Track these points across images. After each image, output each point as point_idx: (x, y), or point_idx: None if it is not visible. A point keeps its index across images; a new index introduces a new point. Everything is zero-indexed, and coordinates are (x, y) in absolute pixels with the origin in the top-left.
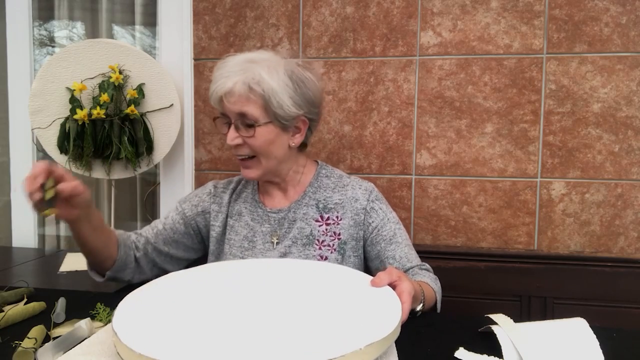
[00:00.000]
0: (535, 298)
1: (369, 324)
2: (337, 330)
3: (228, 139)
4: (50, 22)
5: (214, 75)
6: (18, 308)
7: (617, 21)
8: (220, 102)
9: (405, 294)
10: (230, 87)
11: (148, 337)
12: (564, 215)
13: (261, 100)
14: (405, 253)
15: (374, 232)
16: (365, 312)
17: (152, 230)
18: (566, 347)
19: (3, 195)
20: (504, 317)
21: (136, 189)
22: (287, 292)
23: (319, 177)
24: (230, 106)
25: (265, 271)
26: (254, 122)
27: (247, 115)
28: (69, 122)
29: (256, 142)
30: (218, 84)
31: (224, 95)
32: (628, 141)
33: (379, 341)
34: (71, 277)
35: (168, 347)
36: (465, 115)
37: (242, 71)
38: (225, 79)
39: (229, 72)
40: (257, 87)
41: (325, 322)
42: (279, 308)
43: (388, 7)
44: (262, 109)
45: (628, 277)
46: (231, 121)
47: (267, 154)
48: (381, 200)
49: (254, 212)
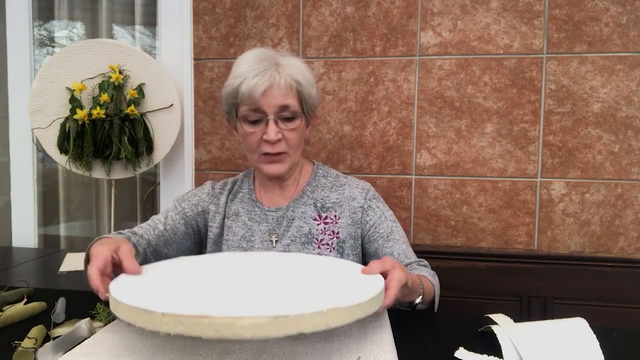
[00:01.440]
0: (535, 298)
1: (342, 295)
2: (309, 297)
3: (271, 134)
4: (50, 22)
5: (238, 72)
6: (18, 308)
7: (617, 21)
8: (261, 96)
9: (394, 281)
10: (276, 79)
11: (144, 298)
12: (564, 215)
13: (299, 91)
14: (403, 250)
15: (371, 229)
16: (344, 288)
17: (154, 232)
18: (566, 347)
19: (3, 195)
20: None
21: (136, 189)
22: (279, 272)
23: (317, 177)
24: (274, 99)
25: (260, 260)
26: (295, 114)
27: (290, 107)
28: (69, 122)
29: (294, 135)
30: (258, 78)
31: (271, 87)
32: (628, 141)
33: (342, 307)
34: (71, 277)
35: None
36: (465, 115)
37: (276, 64)
38: (264, 72)
39: (263, 66)
40: (299, 77)
41: (304, 292)
42: (263, 280)
43: (388, 7)
44: (299, 101)
45: (628, 277)
46: (267, 116)
47: (297, 147)
48: (378, 199)
49: (251, 211)
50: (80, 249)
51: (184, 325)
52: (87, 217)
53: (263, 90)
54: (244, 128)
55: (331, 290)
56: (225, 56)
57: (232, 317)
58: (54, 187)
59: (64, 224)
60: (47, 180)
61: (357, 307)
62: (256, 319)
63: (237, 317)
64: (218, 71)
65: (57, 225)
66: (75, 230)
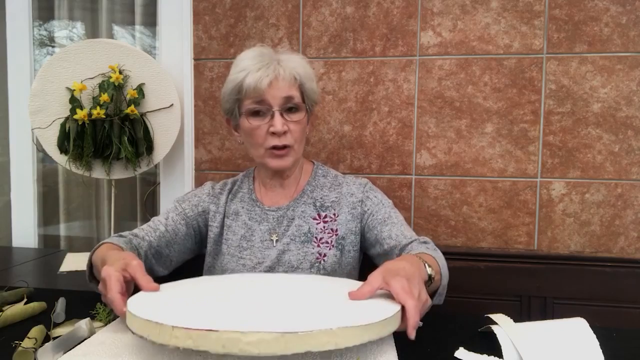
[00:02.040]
0: (535, 298)
1: (356, 315)
2: (319, 316)
3: (277, 125)
4: (50, 22)
5: (241, 67)
6: (18, 308)
7: (617, 21)
8: (267, 87)
9: (401, 294)
10: (280, 72)
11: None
12: (564, 215)
13: (301, 84)
14: (401, 231)
15: (369, 217)
16: (358, 308)
17: (155, 233)
18: (566, 347)
19: (3, 195)
20: (504, 317)
21: (136, 189)
22: (293, 292)
23: (316, 177)
24: (280, 91)
25: (275, 280)
26: (298, 105)
27: (294, 99)
28: (69, 122)
29: (298, 128)
30: (262, 71)
31: (276, 78)
32: (628, 141)
33: (352, 327)
34: (71, 277)
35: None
36: (465, 115)
37: (277, 60)
38: (267, 65)
39: (265, 60)
40: (301, 70)
41: (315, 311)
42: (276, 298)
43: (388, 7)
44: (301, 94)
45: (628, 277)
46: (272, 108)
47: (301, 140)
48: (376, 190)
49: (251, 210)
50: (80, 249)
51: (192, 339)
52: (87, 217)
53: (269, 82)
54: (250, 122)
55: (344, 310)
56: (225, 56)
57: (240, 332)
58: (54, 187)
59: (64, 224)
60: (47, 180)
61: (368, 327)
62: (264, 334)
63: (244, 332)
64: (218, 71)
65: (57, 225)
66: (75, 230)
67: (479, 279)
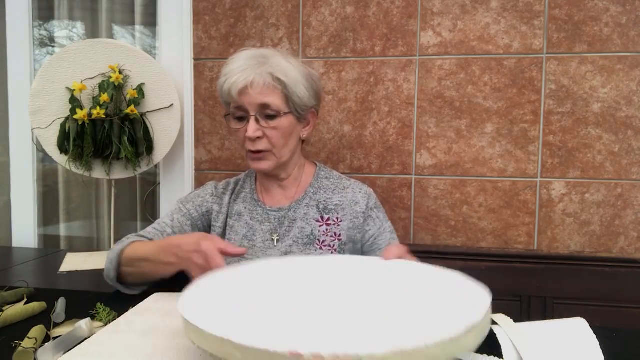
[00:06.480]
0: (535, 298)
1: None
2: (420, 323)
3: (249, 132)
4: (50, 22)
5: (226, 71)
6: (18, 308)
7: (617, 21)
8: (239, 94)
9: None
10: (253, 78)
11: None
12: (564, 215)
13: (284, 90)
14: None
15: (371, 240)
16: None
17: (162, 235)
18: (566, 347)
19: (3, 195)
20: (504, 317)
21: (136, 189)
22: (352, 287)
23: (319, 179)
24: (253, 98)
25: (316, 269)
26: (277, 112)
27: (271, 106)
28: (69, 122)
29: (277, 134)
30: (237, 77)
31: (248, 86)
32: (628, 141)
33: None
34: (71, 277)
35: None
36: (465, 115)
37: (261, 63)
38: (244, 71)
39: (247, 65)
40: (281, 76)
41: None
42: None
43: (388, 7)
44: (283, 99)
45: (628, 277)
46: (249, 114)
47: (283, 145)
48: (379, 209)
49: (253, 211)
50: (80, 249)
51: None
52: (87, 217)
53: (240, 88)
54: (231, 125)
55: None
56: (225, 56)
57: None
58: (54, 187)
59: (64, 224)
60: (47, 180)
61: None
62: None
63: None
64: (218, 71)
65: (57, 225)
66: (75, 230)
67: (479, 279)
